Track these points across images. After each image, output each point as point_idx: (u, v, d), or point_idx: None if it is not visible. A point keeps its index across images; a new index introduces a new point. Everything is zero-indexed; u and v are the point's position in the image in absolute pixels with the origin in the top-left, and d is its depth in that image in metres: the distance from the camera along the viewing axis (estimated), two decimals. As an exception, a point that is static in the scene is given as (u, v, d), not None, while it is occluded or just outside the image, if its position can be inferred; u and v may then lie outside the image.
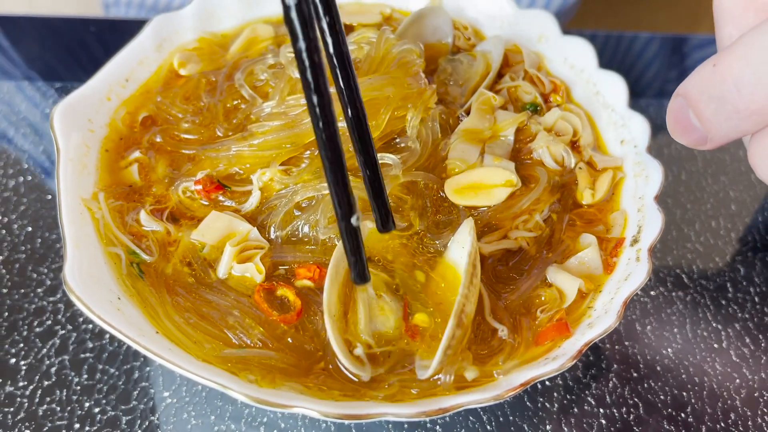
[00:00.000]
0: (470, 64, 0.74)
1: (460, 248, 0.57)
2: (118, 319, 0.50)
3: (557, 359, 0.51)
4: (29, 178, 0.79)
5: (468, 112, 0.68)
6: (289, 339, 0.54)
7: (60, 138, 0.62)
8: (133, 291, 0.56)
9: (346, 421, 0.60)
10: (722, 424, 0.62)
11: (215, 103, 0.69)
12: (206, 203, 0.62)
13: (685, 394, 0.64)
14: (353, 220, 0.48)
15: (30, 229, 0.74)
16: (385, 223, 0.53)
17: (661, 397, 0.64)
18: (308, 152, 0.62)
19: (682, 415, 0.63)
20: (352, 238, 0.49)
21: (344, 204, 0.48)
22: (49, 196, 0.77)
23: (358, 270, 0.50)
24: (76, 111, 0.65)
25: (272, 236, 0.60)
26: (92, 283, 0.53)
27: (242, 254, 0.57)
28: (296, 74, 0.65)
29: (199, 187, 0.62)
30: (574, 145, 0.69)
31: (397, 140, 0.63)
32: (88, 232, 0.58)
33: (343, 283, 0.55)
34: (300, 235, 0.59)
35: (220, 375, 0.49)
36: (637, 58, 0.98)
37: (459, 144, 0.64)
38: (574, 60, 0.75)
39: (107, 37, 0.96)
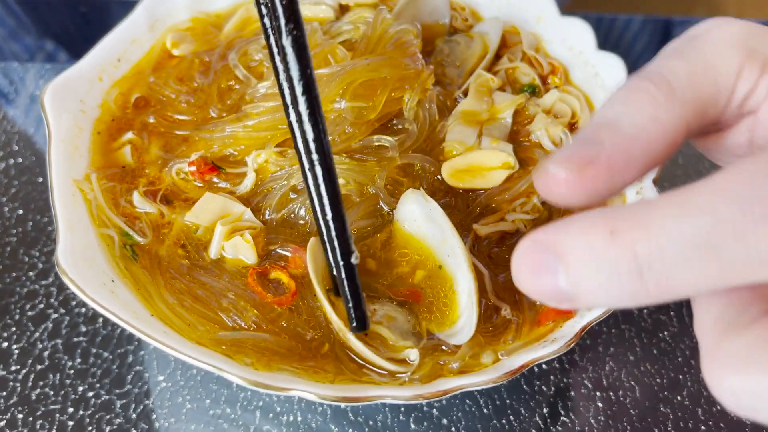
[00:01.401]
0: (468, 46, 0.73)
1: (425, 221, 0.56)
2: (112, 302, 0.50)
3: (555, 342, 0.50)
4: (20, 160, 0.78)
5: (466, 94, 0.68)
6: (283, 322, 0.53)
7: (51, 119, 0.60)
8: (127, 273, 0.55)
9: (343, 404, 0.60)
10: (718, 407, 0.62)
11: (209, 84, 0.68)
12: (200, 185, 0.61)
13: (681, 377, 0.64)
14: (353, 259, 0.46)
15: (21, 212, 0.73)
16: (360, 327, 0.49)
17: (657, 380, 0.64)
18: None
19: (678, 398, 0.63)
20: (350, 280, 0.47)
21: (343, 242, 0.45)
22: (41, 179, 0.76)
23: (359, 316, 0.48)
24: (68, 91, 0.63)
25: (267, 218, 0.59)
26: (85, 266, 0.52)
27: (233, 234, 0.57)
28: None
29: (193, 168, 0.61)
30: (572, 128, 0.68)
31: (394, 122, 0.63)
32: (80, 214, 0.57)
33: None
34: (295, 218, 0.59)
35: (216, 358, 0.48)
36: (635, 41, 0.97)
37: (456, 126, 0.63)
38: (572, 41, 0.74)
39: (98, 17, 0.94)
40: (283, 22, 0.40)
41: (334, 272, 0.49)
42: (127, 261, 0.56)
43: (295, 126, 0.43)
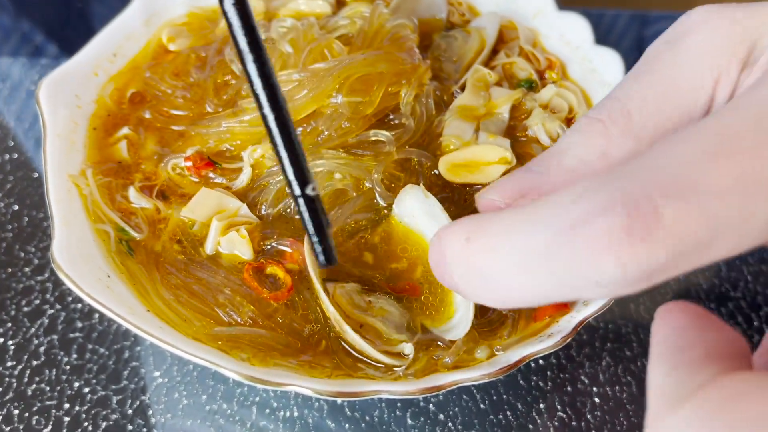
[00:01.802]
0: (465, 41, 0.73)
1: (425, 219, 0.56)
2: (107, 298, 0.49)
3: (552, 336, 0.50)
4: (15, 155, 0.77)
5: (463, 89, 0.67)
6: (279, 318, 0.53)
7: (46, 114, 0.60)
8: (123, 269, 0.55)
9: (339, 400, 0.60)
10: (715, 402, 0.62)
11: (205, 79, 0.68)
12: (196, 180, 0.61)
13: (678, 372, 0.64)
14: (309, 190, 0.43)
15: (16, 207, 0.73)
16: (327, 261, 0.46)
17: (655, 375, 0.64)
18: (300, 129, 0.61)
19: (675, 393, 0.63)
20: (312, 212, 0.44)
21: (298, 171, 0.42)
22: (36, 174, 0.76)
23: (324, 249, 0.45)
24: (63, 86, 0.63)
25: (263, 213, 0.59)
26: (81, 261, 0.52)
27: (229, 229, 0.57)
28: (287, 49, 0.64)
29: (189, 163, 0.61)
30: (569, 123, 0.68)
31: (391, 117, 0.62)
32: (76, 210, 0.57)
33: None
34: (292, 213, 0.59)
35: (212, 353, 0.48)
36: (634, 36, 0.97)
37: (453, 121, 0.63)
38: (570, 36, 0.74)
39: (93, 11, 0.94)
40: None
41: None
42: (123, 256, 0.56)
43: (245, 60, 0.41)
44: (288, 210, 0.59)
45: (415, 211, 0.56)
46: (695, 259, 0.28)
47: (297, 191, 0.43)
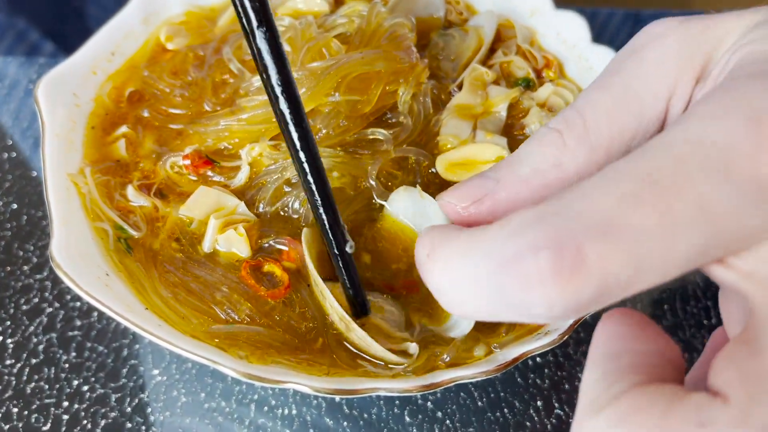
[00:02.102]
0: (462, 39, 0.73)
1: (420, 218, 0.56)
2: (106, 295, 0.50)
3: (549, 334, 0.51)
4: (14, 154, 0.77)
5: (460, 88, 0.68)
6: (277, 315, 0.53)
7: (45, 113, 0.60)
8: (121, 267, 0.55)
9: (337, 397, 0.60)
10: (711, 399, 0.63)
11: (203, 78, 0.68)
12: (194, 178, 0.61)
13: (675, 369, 0.64)
14: (347, 248, 0.48)
15: (15, 206, 0.73)
16: (362, 312, 0.51)
17: (651, 372, 0.64)
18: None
19: (672, 390, 0.63)
20: (348, 268, 0.49)
21: (338, 232, 0.47)
22: (35, 173, 0.76)
23: (360, 302, 0.50)
24: (61, 85, 0.63)
25: (261, 211, 0.59)
26: (80, 259, 0.52)
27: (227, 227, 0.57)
28: (286, 47, 0.64)
29: (188, 162, 0.61)
30: (566, 121, 0.68)
31: (389, 115, 0.63)
32: (74, 208, 0.57)
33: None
34: (290, 211, 0.59)
35: (210, 351, 0.48)
36: (627, 35, 0.97)
37: (451, 119, 0.64)
38: (567, 35, 0.74)
39: (89, 10, 0.94)
40: (255, 24, 0.40)
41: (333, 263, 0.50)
42: (121, 254, 0.56)
43: (281, 126, 0.43)
44: (286, 208, 0.59)
45: (408, 211, 0.56)
46: (620, 294, 0.29)
47: (336, 250, 0.48)
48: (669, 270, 0.29)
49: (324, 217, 0.47)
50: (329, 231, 0.47)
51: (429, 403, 0.61)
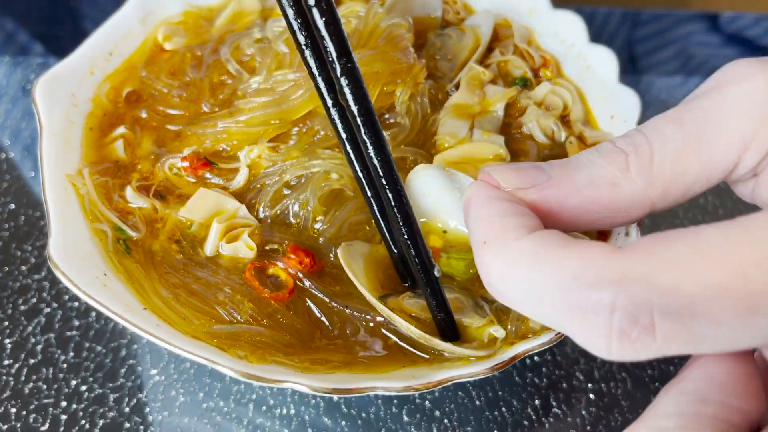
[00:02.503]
0: (459, 39, 0.73)
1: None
2: (104, 295, 0.50)
3: (548, 333, 0.51)
4: (11, 154, 0.77)
5: (457, 87, 0.68)
6: (280, 317, 0.54)
7: (42, 113, 0.60)
8: (120, 268, 0.55)
9: (335, 397, 0.60)
10: (708, 398, 0.63)
11: (201, 78, 0.68)
12: (193, 180, 0.61)
13: (672, 368, 0.65)
14: (435, 272, 0.48)
15: (13, 206, 0.73)
16: (454, 337, 0.51)
17: (648, 371, 0.64)
18: (296, 129, 0.61)
19: (669, 389, 0.63)
20: (437, 294, 0.49)
21: (425, 257, 0.47)
22: (32, 173, 0.76)
23: (451, 326, 0.50)
24: (59, 85, 0.63)
25: (261, 215, 0.59)
26: (78, 259, 0.52)
27: (230, 233, 0.57)
28: (283, 48, 0.65)
29: (186, 164, 0.61)
30: (564, 120, 0.68)
31: (386, 116, 0.63)
32: (72, 209, 0.57)
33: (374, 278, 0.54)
34: (290, 214, 0.59)
35: (209, 350, 0.48)
36: (625, 34, 0.97)
37: (448, 119, 0.64)
38: (564, 34, 0.74)
39: (80, 10, 0.94)
40: (335, 56, 0.40)
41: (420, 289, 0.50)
42: (120, 255, 0.56)
43: (355, 154, 0.45)
44: (286, 211, 0.59)
45: (431, 189, 0.56)
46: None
47: (425, 277, 0.48)
48: (723, 352, 0.32)
49: (409, 242, 0.47)
50: (416, 258, 0.47)
51: (427, 402, 0.61)
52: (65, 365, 0.62)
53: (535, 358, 0.64)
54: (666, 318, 0.30)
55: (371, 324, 0.54)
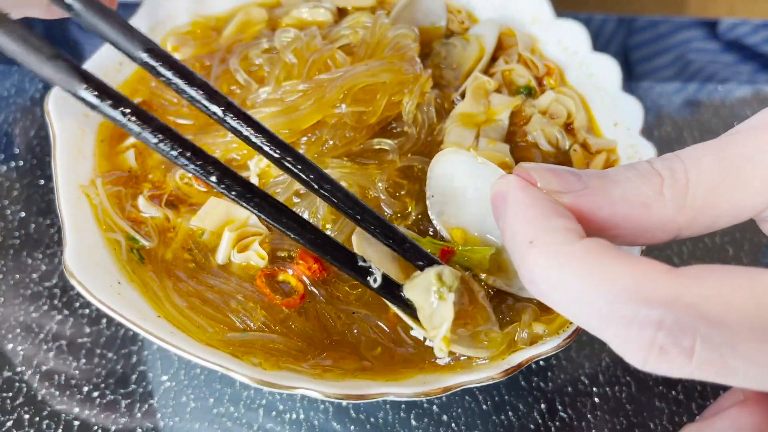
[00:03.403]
0: (464, 48, 0.74)
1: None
2: (119, 304, 0.50)
3: (554, 339, 0.52)
4: (21, 163, 0.78)
5: (463, 96, 0.69)
6: (292, 323, 0.54)
7: (55, 123, 0.61)
8: (134, 276, 0.56)
9: (344, 402, 0.61)
10: (711, 400, 0.64)
11: (210, 88, 0.69)
12: (203, 189, 0.62)
13: (675, 372, 0.65)
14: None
15: (23, 214, 0.73)
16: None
17: (652, 375, 0.65)
18: (305, 138, 0.62)
19: (673, 392, 0.64)
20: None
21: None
22: (42, 181, 0.76)
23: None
24: (71, 95, 0.64)
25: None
26: (92, 268, 0.53)
27: (241, 242, 0.58)
28: (291, 59, 0.65)
29: (196, 172, 0.62)
30: (568, 128, 0.69)
31: (394, 125, 0.64)
32: (86, 219, 0.58)
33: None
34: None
35: (224, 358, 0.49)
36: (620, 41, 0.98)
37: (454, 128, 0.65)
38: (567, 43, 0.75)
39: (84, 41, 0.94)
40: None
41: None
42: (133, 264, 0.57)
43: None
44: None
45: (456, 174, 0.57)
46: None
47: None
48: (751, 388, 0.33)
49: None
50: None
51: (434, 407, 0.62)
52: (77, 371, 0.63)
53: (541, 362, 0.65)
54: (706, 347, 0.32)
55: (380, 328, 0.55)
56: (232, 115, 0.46)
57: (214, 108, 0.46)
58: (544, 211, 0.38)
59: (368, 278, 0.48)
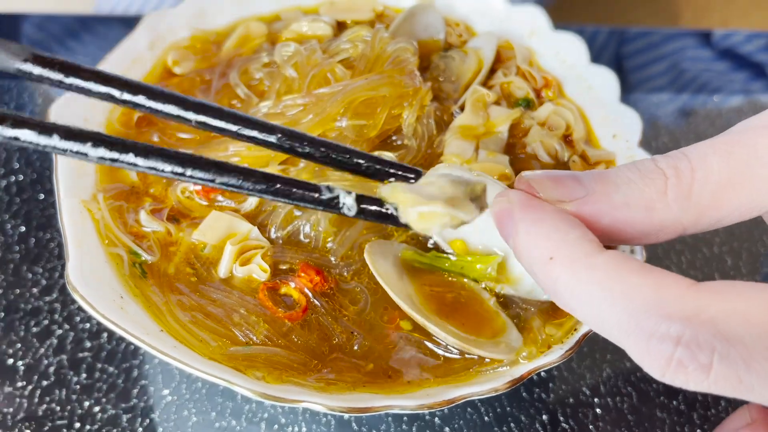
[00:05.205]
0: (462, 61, 0.74)
1: None
2: (122, 318, 0.50)
3: (556, 351, 0.52)
4: (20, 177, 0.78)
5: (462, 108, 0.69)
6: (294, 337, 0.54)
7: (56, 138, 0.61)
8: (137, 291, 0.56)
9: (346, 415, 0.61)
10: (713, 411, 0.64)
11: (210, 102, 0.69)
12: (205, 203, 0.62)
13: (676, 382, 0.66)
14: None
15: (23, 228, 0.73)
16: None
17: (654, 386, 0.65)
18: (305, 151, 0.62)
19: (674, 402, 0.64)
20: None
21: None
22: (42, 196, 0.76)
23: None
24: (72, 109, 0.64)
25: (273, 236, 0.60)
26: (95, 283, 0.53)
27: (243, 256, 0.58)
28: (291, 73, 0.66)
29: (198, 187, 0.62)
30: (566, 140, 0.70)
31: (394, 138, 0.64)
32: (88, 233, 0.58)
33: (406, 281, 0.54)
34: (301, 236, 0.60)
35: (228, 372, 0.49)
36: (612, 52, 0.99)
37: (454, 140, 0.65)
38: (565, 55, 0.76)
39: (94, 37, 0.95)
40: None
41: None
42: (136, 279, 0.57)
43: None
44: (298, 232, 0.60)
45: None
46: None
47: None
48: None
49: None
50: None
51: (437, 419, 0.62)
52: (78, 386, 0.63)
53: (542, 373, 0.65)
54: (723, 363, 0.32)
55: (384, 340, 0.55)
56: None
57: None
58: (556, 224, 0.38)
59: (342, 209, 0.47)
